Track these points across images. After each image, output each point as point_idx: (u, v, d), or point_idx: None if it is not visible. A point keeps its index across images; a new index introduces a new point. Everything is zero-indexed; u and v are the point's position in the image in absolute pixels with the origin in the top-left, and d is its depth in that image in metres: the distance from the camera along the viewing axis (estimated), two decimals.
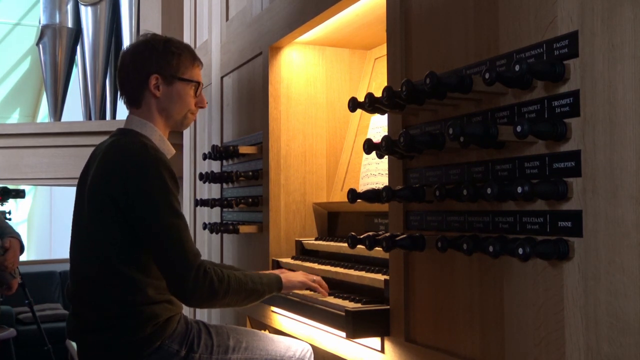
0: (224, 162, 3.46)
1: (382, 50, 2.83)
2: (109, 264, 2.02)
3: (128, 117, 2.23)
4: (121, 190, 1.98)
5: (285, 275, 2.25)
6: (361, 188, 2.62)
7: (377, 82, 2.86)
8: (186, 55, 2.21)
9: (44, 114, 9.92)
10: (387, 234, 1.78)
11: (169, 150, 2.21)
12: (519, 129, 1.34)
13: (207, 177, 3.28)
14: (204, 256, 3.75)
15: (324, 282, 2.32)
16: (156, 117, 2.19)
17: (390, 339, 1.96)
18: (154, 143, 2.13)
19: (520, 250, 1.36)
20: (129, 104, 2.23)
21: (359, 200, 1.84)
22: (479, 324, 1.62)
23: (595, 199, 1.30)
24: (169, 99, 2.18)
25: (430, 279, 1.81)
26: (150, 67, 2.15)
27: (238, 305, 2.11)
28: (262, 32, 3.01)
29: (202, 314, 3.79)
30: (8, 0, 9.15)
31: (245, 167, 3.19)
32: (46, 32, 5.59)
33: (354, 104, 1.91)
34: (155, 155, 2.03)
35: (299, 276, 2.28)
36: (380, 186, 1.83)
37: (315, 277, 2.31)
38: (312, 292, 2.32)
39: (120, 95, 2.26)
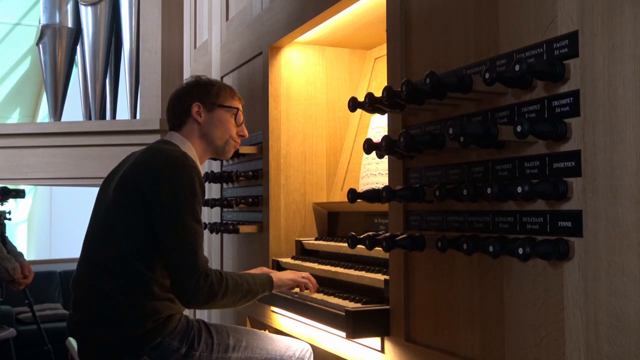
0: (224, 162, 3.46)
1: (382, 50, 2.83)
2: (119, 253, 2.06)
3: (169, 133, 2.33)
4: (152, 185, 2.05)
5: (276, 274, 2.31)
6: (361, 188, 2.62)
7: (377, 82, 2.86)
8: (225, 88, 2.39)
9: (44, 114, 9.91)
10: (387, 234, 1.78)
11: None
12: (519, 129, 1.34)
13: (207, 177, 3.28)
14: None
15: (312, 278, 2.38)
16: (196, 141, 2.31)
17: (390, 339, 1.96)
18: None
19: (520, 250, 1.36)
20: (172, 127, 2.34)
21: (359, 200, 1.85)
22: (479, 324, 1.62)
23: (595, 199, 1.30)
24: (210, 124, 2.31)
25: (431, 279, 1.81)
26: (193, 97, 2.31)
27: (233, 306, 2.16)
28: (262, 32, 3.01)
29: (202, 313, 3.79)
30: (8, 0, 9.14)
31: (245, 167, 3.19)
32: (46, 32, 5.58)
33: (354, 104, 1.91)
34: (193, 163, 2.12)
35: (288, 274, 2.35)
36: (380, 186, 1.83)
37: (304, 274, 2.38)
38: (301, 290, 2.37)
39: (167, 124, 2.39)
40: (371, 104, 1.82)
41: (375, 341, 2.02)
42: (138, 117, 5.07)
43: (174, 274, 2.01)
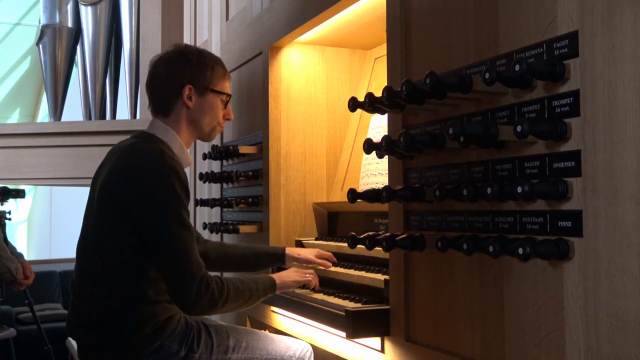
0: (224, 162, 3.46)
1: (382, 50, 2.83)
2: (109, 263, 2.04)
3: (153, 121, 2.22)
4: (133, 195, 2.00)
5: (279, 276, 2.27)
6: (361, 188, 2.62)
7: (377, 82, 2.86)
8: (218, 68, 2.24)
9: (44, 114, 9.91)
10: (387, 234, 1.78)
11: (187, 160, 2.21)
12: (519, 128, 1.34)
13: (207, 177, 3.28)
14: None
15: (317, 277, 2.36)
16: (183, 127, 2.20)
17: (390, 339, 1.96)
18: (173, 151, 2.13)
19: (520, 250, 1.36)
20: (157, 111, 2.22)
21: (359, 200, 1.85)
22: (479, 324, 1.62)
23: (595, 199, 1.30)
24: (200, 109, 2.20)
25: (431, 279, 1.81)
26: (184, 78, 2.17)
27: (234, 311, 2.15)
28: (262, 32, 3.01)
29: None
30: (8, 0, 9.14)
31: (245, 167, 3.19)
32: (46, 32, 5.58)
33: (354, 104, 1.91)
34: (170, 163, 2.02)
35: (291, 275, 2.30)
36: (380, 186, 1.83)
37: (307, 272, 2.35)
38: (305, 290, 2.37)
39: (149, 103, 2.25)
40: (371, 104, 1.82)
41: (375, 341, 2.02)
42: (138, 117, 5.08)
43: (172, 286, 1.99)
